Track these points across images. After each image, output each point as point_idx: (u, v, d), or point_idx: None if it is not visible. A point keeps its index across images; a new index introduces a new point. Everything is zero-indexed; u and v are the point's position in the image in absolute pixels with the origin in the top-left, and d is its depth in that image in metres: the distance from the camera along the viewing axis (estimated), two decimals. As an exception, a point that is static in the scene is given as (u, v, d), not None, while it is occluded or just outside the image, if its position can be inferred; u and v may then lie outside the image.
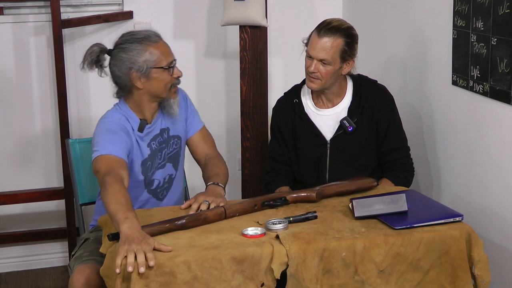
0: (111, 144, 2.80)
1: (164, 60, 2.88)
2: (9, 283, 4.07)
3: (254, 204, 2.73)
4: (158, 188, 3.03)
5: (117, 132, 2.86)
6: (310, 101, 3.22)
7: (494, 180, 2.98)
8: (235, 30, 3.78)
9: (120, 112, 2.95)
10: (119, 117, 2.92)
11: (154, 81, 2.88)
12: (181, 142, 3.08)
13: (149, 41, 2.88)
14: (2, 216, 4.13)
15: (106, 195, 2.56)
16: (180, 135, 3.07)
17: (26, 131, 4.11)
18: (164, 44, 2.92)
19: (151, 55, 2.86)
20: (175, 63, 2.93)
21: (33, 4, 3.99)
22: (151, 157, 2.97)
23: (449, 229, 2.57)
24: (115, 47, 2.92)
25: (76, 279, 2.69)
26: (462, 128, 3.18)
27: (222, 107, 4.32)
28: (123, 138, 2.85)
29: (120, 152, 2.79)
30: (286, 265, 2.42)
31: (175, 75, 2.92)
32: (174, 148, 3.05)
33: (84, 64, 2.95)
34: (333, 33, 3.05)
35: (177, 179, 3.08)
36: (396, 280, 2.52)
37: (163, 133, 3.01)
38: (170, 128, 3.03)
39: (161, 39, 2.92)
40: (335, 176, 3.11)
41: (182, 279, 2.34)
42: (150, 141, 2.97)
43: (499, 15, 2.83)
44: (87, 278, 2.68)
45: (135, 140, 2.92)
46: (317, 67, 3.07)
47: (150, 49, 2.87)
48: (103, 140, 2.82)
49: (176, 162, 3.07)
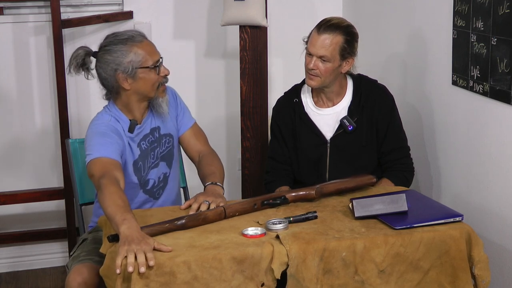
0: (103, 146, 2.80)
1: (150, 59, 2.87)
2: (9, 283, 4.07)
3: (253, 204, 2.73)
4: (153, 187, 3.03)
5: (108, 134, 2.86)
6: (310, 100, 3.22)
7: (494, 180, 2.98)
8: (235, 30, 3.78)
9: (109, 113, 2.94)
10: (108, 119, 2.92)
11: (141, 81, 2.88)
12: (173, 140, 3.07)
13: (133, 41, 2.87)
14: (2, 216, 4.13)
15: (103, 198, 2.56)
16: (171, 133, 3.06)
17: (26, 131, 4.11)
18: (149, 43, 2.91)
19: (136, 56, 2.85)
20: (162, 61, 2.91)
21: (33, 4, 3.99)
22: (142, 157, 2.97)
23: (449, 229, 2.57)
24: (100, 49, 2.92)
25: (73, 278, 2.69)
26: (462, 128, 3.18)
27: (222, 107, 4.32)
28: (115, 140, 2.85)
29: (113, 154, 2.79)
30: (286, 265, 2.42)
31: (162, 73, 2.91)
32: (166, 147, 3.04)
33: (70, 68, 2.95)
34: (333, 30, 3.06)
35: (172, 178, 3.08)
36: (396, 280, 2.52)
37: (153, 132, 3.00)
38: (160, 127, 3.02)
39: (145, 38, 2.91)
40: (335, 175, 3.11)
41: (182, 279, 2.34)
42: (140, 141, 2.97)
43: (499, 15, 2.83)
44: (83, 277, 2.69)
45: (126, 141, 2.92)
46: (317, 64, 3.07)
47: (135, 49, 2.86)
48: (95, 143, 2.83)
49: (170, 160, 3.06)
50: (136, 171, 2.96)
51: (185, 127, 3.11)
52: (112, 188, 2.59)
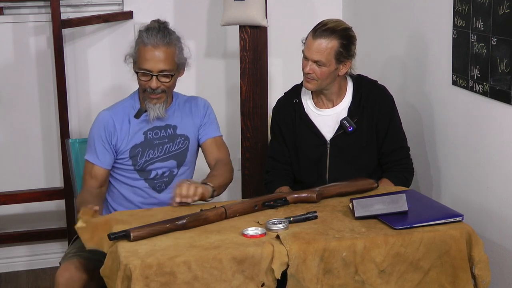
0: (95, 154, 3.04)
1: (140, 64, 2.96)
2: (9, 283, 4.08)
3: (254, 205, 2.73)
4: (155, 179, 3.07)
5: (102, 140, 3.04)
6: (310, 101, 3.22)
7: (494, 180, 2.98)
8: (235, 30, 3.78)
9: (129, 101, 3.10)
10: (109, 116, 3.06)
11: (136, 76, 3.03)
12: (189, 143, 3.11)
13: (142, 39, 2.96)
14: (2, 216, 4.13)
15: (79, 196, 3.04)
16: (188, 136, 3.11)
17: (26, 131, 4.11)
18: (151, 50, 2.93)
19: (135, 53, 2.99)
20: (154, 75, 2.94)
21: (33, 4, 3.99)
22: (144, 145, 3.05)
23: (449, 229, 2.57)
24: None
25: (60, 274, 2.78)
26: (462, 128, 3.18)
27: (222, 107, 4.32)
28: (107, 146, 3.04)
29: (102, 163, 3.04)
30: (287, 265, 2.42)
31: (141, 81, 2.98)
32: (180, 147, 3.09)
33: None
34: (328, 35, 3.04)
35: (180, 177, 3.10)
36: (396, 280, 2.52)
37: (167, 128, 3.07)
38: (178, 126, 3.08)
39: (156, 45, 2.93)
40: (335, 176, 3.11)
41: (183, 279, 2.34)
42: (148, 130, 3.05)
43: (499, 15, 2.83)
44: (70, 273, 2.77)
45: (126, 129, 3.04)
46: (312, 68, 3.06)
47: (138, 46, 2.97)
48: (92, 146, 3.06)
49: (181, 161, 3.10)
50: (132, 155, 3.05)
51: (208, 136, 3.16)
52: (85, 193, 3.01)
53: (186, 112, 3.13)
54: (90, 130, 3.11)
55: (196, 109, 3.15)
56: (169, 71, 2.96)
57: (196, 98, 3.21)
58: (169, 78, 2.98)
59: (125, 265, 2.32)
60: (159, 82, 2.96)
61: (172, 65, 2.97)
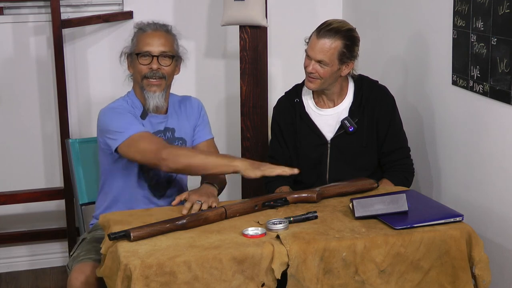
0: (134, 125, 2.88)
1: (141, 48, 2.96)
2: (9, 283, 4.07)
3: (254, 205, 2.73)
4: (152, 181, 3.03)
5: (130, 116, 2.93)
6: (311, 100, 3.22)
7: (494, 180, 2.98)
8: (235, 30, 3.78)
9: (126, 100, 3.03)
10: (125, 105, 3.00)
11: (133, 67, 3.00)
12: (185, 145, 3.09)
13: (140, 30, 3.00)
14: (2, 216, 4.13)
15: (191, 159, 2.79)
16: (185, 139, 3.09)
17: (26, 131, 4.11)
18: (152, 34, 2.98)
19: (133, 42, 3.00)
20: (155, 56, 2.94)
21: (33, 4, 3.99)
22: None
23: (449, 229, 2.57)
24: None
25: (74, 277, 2.70)
26: (462, 128, 3.18)
27: (222, 107, 4.32)
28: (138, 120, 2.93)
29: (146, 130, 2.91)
30: (287, 265, 2.42)
31: (141, 63, 2.94)
32: None
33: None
34: (332, 35, 3.04)
35: (178, 181, 3.09)
36: (396, 280, 2.52)
37: (166, 132, 3.04)
38: (175, 129, 3.06)
39: (156, 30, 2.98)
40: (335, 176, 3.11)
41: (183, 279, 2.34)
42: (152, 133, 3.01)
43: (499, 15, 2.83)
44: (86, 276, 2.69)
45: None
46: (315, 68, 3.07)
47: (137, 37, 3.00)
48: (124, 123, 2.88)
49: None
50: None
51: (200, 139, 3.15)
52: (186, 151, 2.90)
53: (182, 114, 3.11)
54: (106, 121, 2.94)
55: (191, 110, 3.14)
56: (169, 52, 2.97)
57: (189, 98, 3.19)
58: (169, 61, 2.97)
59: (125, 265, 2.32)
60: (159, 64, 2.95)
61: (172, 49, 2.99)
